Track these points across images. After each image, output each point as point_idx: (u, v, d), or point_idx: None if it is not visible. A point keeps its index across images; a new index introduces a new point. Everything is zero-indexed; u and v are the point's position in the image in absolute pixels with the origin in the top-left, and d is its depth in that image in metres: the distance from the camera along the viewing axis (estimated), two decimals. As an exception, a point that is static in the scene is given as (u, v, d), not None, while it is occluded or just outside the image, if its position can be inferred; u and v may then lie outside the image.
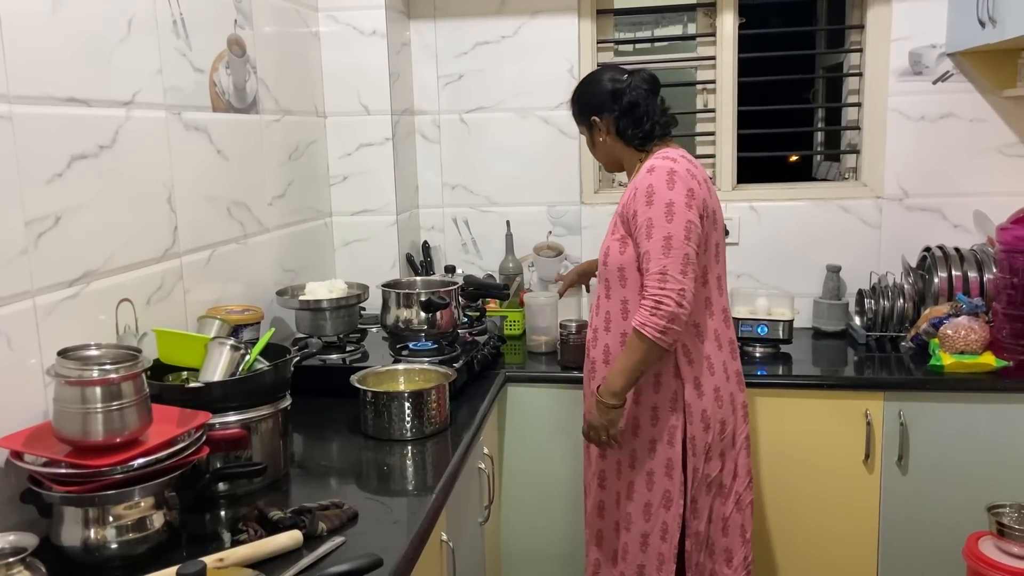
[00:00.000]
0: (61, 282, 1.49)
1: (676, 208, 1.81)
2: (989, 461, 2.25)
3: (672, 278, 1.78)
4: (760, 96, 2.91)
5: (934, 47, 2.65)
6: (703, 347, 1.93)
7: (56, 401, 1.29)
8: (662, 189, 1.82)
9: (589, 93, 2.02)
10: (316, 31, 2.65)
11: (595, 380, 2.01)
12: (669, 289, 1.77)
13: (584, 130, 2.07)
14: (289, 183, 2.44)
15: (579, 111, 2.06)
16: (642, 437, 1.95)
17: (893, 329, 2.59)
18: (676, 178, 1.83)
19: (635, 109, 1.95)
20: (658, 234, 1.80)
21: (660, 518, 1.94)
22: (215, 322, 1.86)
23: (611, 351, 1.97)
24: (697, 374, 1.92)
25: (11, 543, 1.15)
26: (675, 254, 1.79)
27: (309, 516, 1.37)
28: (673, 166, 1.85)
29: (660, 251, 1.79)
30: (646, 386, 1.93)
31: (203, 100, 1.97)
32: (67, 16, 1.51)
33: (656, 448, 1.93)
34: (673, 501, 1.93)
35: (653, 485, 1.94)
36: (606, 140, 2.01)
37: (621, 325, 1.95)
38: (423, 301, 2.20)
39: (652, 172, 1.86)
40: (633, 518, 1.97)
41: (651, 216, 1.82)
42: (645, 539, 1.96)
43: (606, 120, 1.99)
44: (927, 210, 2.74)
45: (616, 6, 2.93)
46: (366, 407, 1.85)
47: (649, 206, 1.82)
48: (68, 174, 1.50)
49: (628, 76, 1.99)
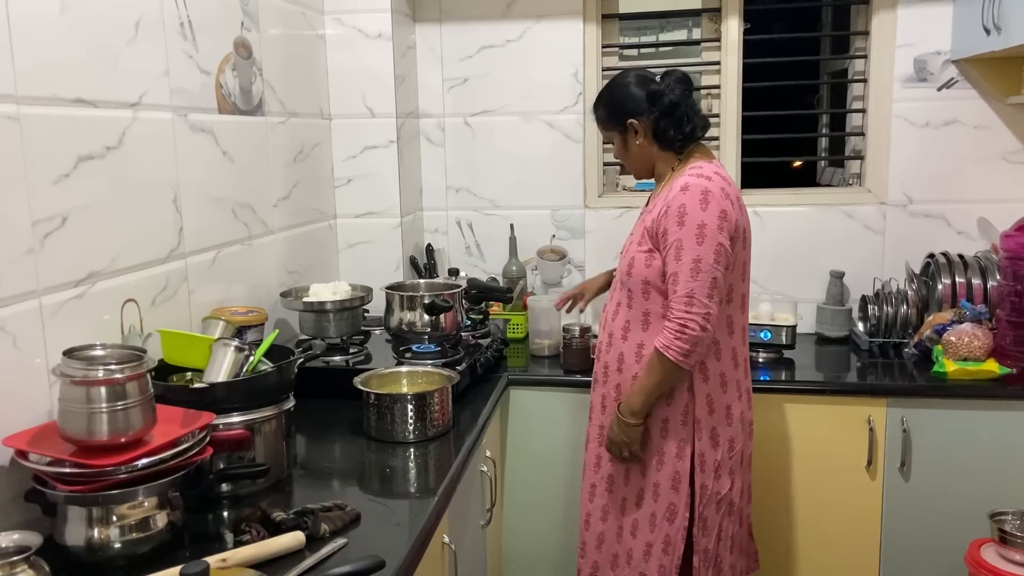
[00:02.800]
0: (67, 282, 1.49)
1: (708, 231, 1.79)
2: (991, 468, 2.24)
3: (698, 302, 1.78)
4: (765, 101, 2.91)
5: (939, 54, 2.66)
6: (719, 365, 1.92)
7: (61, 401, 1.29)
8: (695, 210, 1.79)
9: (623, 96, 1.96)
10: (322, 34, 2.66)
11: (606, 385, 2.01)
12: (695, 313, 1.77)
13: (615, 135, 2.00)
14: (294, 185, 2.44)
15: (611, 115, 1.99)
16: (651, 448, 1.95)
17: (896, 335, 2.59)
18: (710, 198, 1.80)
19: (676, 110, 1.91)
20: (687, 256, 1.79)
21: (664, 530, 1.94)
22: (219, 323, 1.86)
23: (625, 359, 1.96)
24: (711, 391, 1.92)
25: (15, 542, 1.16)
26: (703, 278, 1.78)
27: (312, 517, 1.37)
28: (708, 185, 1.82)
29: (688, 274, 1.78)
30: (659, 399, 1.92)
31: (209, 102, 1.98)
32: (75, 18, 1.52)
33: (664, 461, 1.93)
34: (677, 515, 1.92)
35: (659, 497, 1.94)
36: (642, 144, 1.96)
37: (640, 336, 1.93)
38: (426, 304, 2.21)
39: (686, 191, 1.81)
40: (639, 525, 1.97)
41: (681, 237, 1.80)
42: (648, 548, 1.96)
43: (644, 123, 1.93)
44: (931, 216, 2.74)
45: (621, 11, 2.94)
46: (369, 409, 1.85)
47: (680, 227, 1.80)
48: (75, 175, 1.51)
49: (663, 77, 1.96)
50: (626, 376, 1.97)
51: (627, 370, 1.96)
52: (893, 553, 2.34)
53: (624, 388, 1.97)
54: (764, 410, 2.34)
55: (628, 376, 1.96)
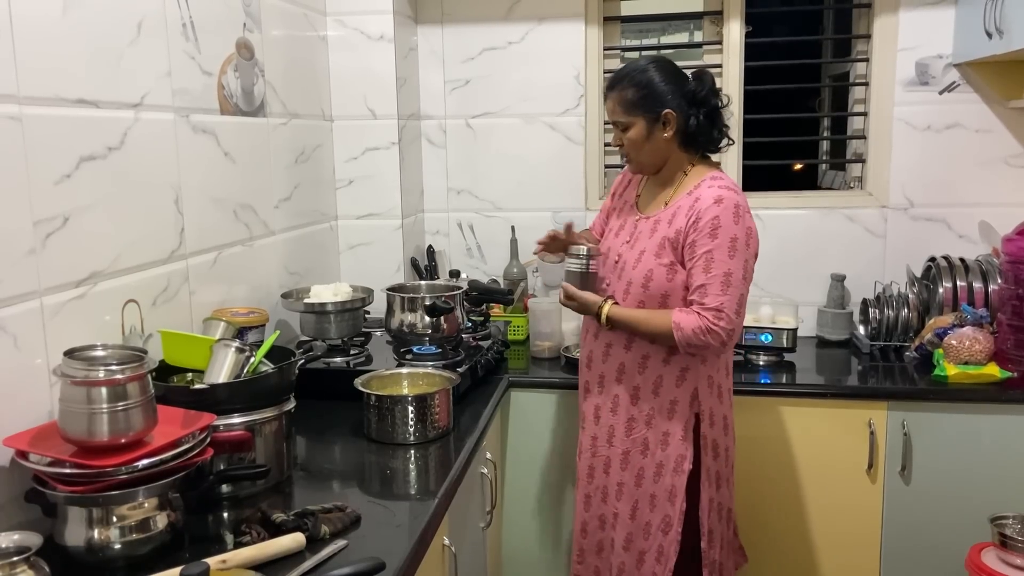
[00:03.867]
0: (68, 282, 1.49)
1: (739, 245, 1.78)
2: (992, 472, 2.24)
3: (727, 317, 1.76)
4: (766, 105, 2.91)
5: (941, 57, 2.66)
6: (716, 376, 1.93)
7: (62, 401, 1.29)
8: (728, 223, 1.77)
9: (662, 84, 1.84)
10: (324, 35, 2.66)
11: (602, 395, 1.99)
12: (722, 328, 1.76)
13: (640, 120, 1.86)
14: (295, 186, 2.44)
15: (644, 99, 1.85)
16: (650, 459, 1.93)
17: (897, 339, 2.59)
18: (741, 213, 1.79)
19: (716, 116, 1.89)
20: (719, 269, 1.77)
21: (657, 540, 1.93)
22: (220, 324, 1.86)
23: (626, 369, 1.94)
24: (712, 405, 1.92)
25: (15, 542, 1.16)
26: (733, 292, 1.77)
27: (312, 519, 1.37)
28: (738, 200, 1.80)
29: (719, 287, 1.76)
30: (660, 412, 1.91)
31: (211, 103, 1.98)
32: (77, 18, 1.52)
33: (662, 473, 1.92)
34: (672, 527, 1.91)
35: (655, 508, 1.93)
36: (668, 138, 1.87)
37: (645, 347, 1.90)
38: (427, 305, 2.21)
39: (720, 204, 1.78)
40: (633, 536, 1.96)
41: (713, 249, 1.77)
42: (642, 557, 1.96)
43: (679, 117, 1.86)
44: (932, 220, 2.74)
45: (623, 13, 2.94)
46: (369, 411, 1.85)
47: (712, 239, 1.77)
48: (77, 175, 1.51)
49: (697, 78, 1.89)
50: (626, 387, 1.94)
51: (627, 380, 1.94)
52: (894, 557, 2.33)
53: (622, 398, 1.95)
54: (765, 413, 2.34)
55: (628, 387, 1.93)
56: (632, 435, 1.94)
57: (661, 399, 1.90)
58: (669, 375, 1.90)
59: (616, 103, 1.89)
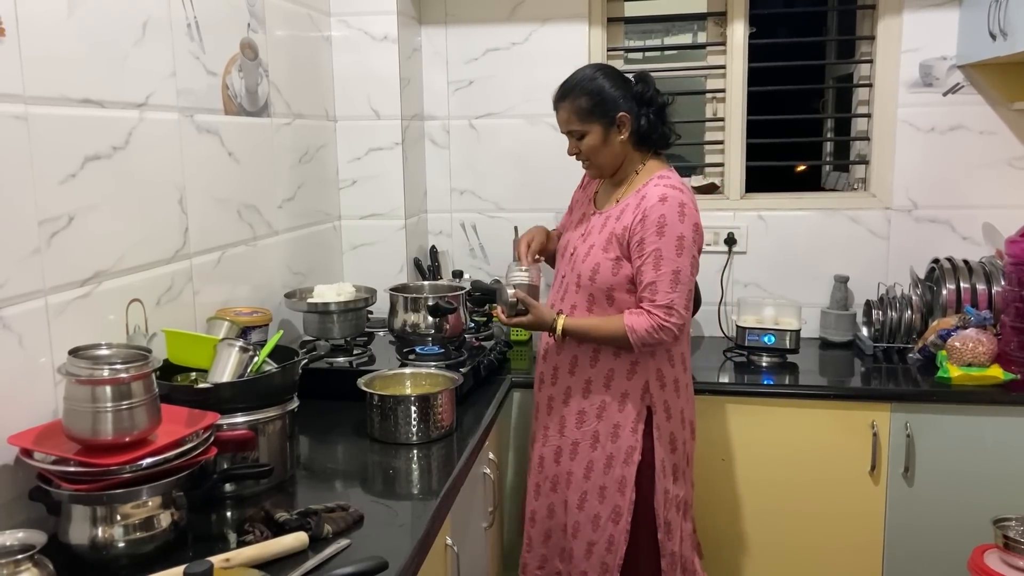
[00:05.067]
0: (73, 282, 1.50)
1: (685, 243, 1.83)
2: (996, 474, 2.24)
3: (677, 313, 1.82)
4: (770, 106, 2.91)
5: (945, 59, 2.65)
6: (673, 371, 1.97)
7: (66, 400, 1.29)
8: (674, 222, 1.82)
9: (611, 89, 1.91)
10: (328, 36, 2.66)
11: (555, 387, 2.03)
12: (673, 324, 1.82)
13: (596, 127, 1.92)
14: (299, 186, 2.45)
15: (597, 106, 1.91)
16: (600, 451, 1.97)
17: (900, 340, 2.58)
18: (687, 211, 1.85)
19: (663, 113, 1.95)
20: (667, 267, 1.82)
21: (607, 531, 1.97)
22: (224, 323, 1.87)
23: (579, 362, 1.99)
24: (667, 398, 1.96)
25: (20, 540, 1.16)
26: (682, 288, 1.82)
27: (315, 518, 1.37)
28: (683, 198, 1.86)
29: (668, 284, 1.82)
30: (611, 404, 1.95)
31: (215, 103, 1.99)
32: (82, 18, 1.52)
33: (612, 465, 1.96)
34: (622, 517, 1.95)
35: (604, 499, 1.97)
36: (623, 140, 1.93)
37: None
38: (430, 306, 2.21)
39: (665, 202, 1.83)
40: (581, 527, 2.00)
41: (660, 247, 1.82)
42: (591, 548, 1.99)
43: (632, 119, 1.92)
44: (936, 222, 2.74)
45: (626, 14, 2.94)
46: (372, 410, 1.85)
47: (660, 237, 1.82)
48: (82, 175, 1.51)
49: (639, 79, 1.97)
50: (579, 379, 1.99)
51: (580, 373, 1.99)
52: (896, 559, 2.33)
53: (575, 391, 2.00)
54: (768, 415, 2.34)
55: (581, 379, 1.99)
56: (582, 427, 1.99)
57: (612, 392, 1.95)
58: (620, 368, 1.94)
59: (570, 113, 1.95)
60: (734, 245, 2.83)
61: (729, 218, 2.84)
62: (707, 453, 2.37)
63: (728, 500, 2.39)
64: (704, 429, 2.35)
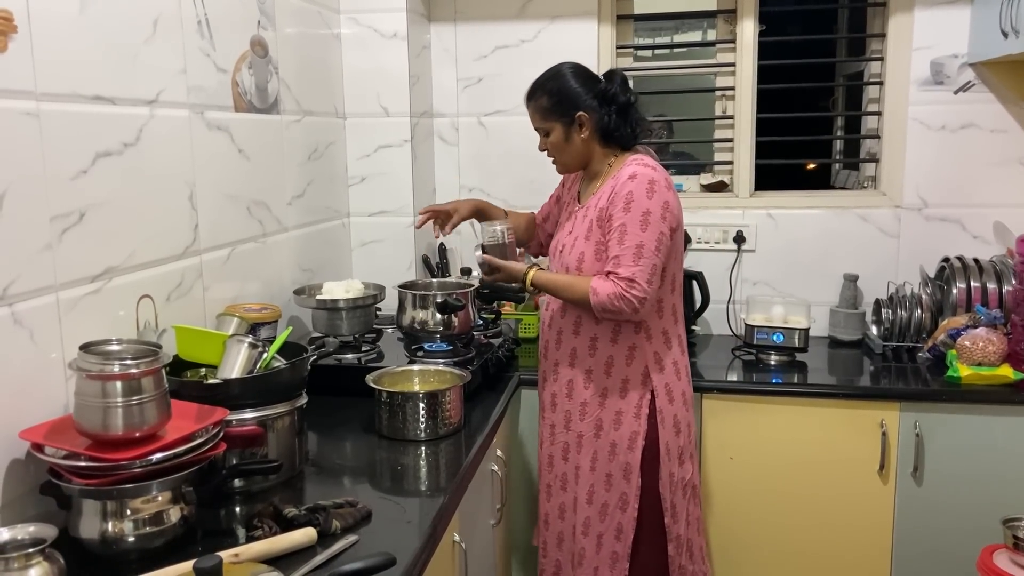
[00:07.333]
0: (84, 277, 1.51)
1: (652, 219, 1.84)
2: (1005, 473, 2.23)
3: (639, 286, 1.82)
4: (779, 103, 2.90)
5: (956, 57, 2.64)
6: (671, 353, 1.98)
7: (77, 395, 1.30)
8: (641, 197, 1.85)
9: (572, 88, 1.96)
10: (337, 33, 2.67)
11: (557, 383, 2.04)
12: (632, 296, 1.82)
13: (557, 126, 1.98)
14: (308, 183, 2.45)
15: (557, 105, 1.96)
16: (603, 440, 1.98)
17: (910, 339, 2.57)
18: (656, 188, 1.86)
19: (629, 110, 1.98)
20: (631, 241, 1.83)
21: (616, 519, 1.97)
22: (233, 320, 1.87)
23: (578, 354, 1.99)
24: (668, 381, 1.97)
25: (31, 534, 1.17)
26: (644, 263, 1.83)
27: (323, 514, 1.38)
28: (654, 175, 1.88)
29: (631, 258, 1.83)
30: (612, 392, 1.96)
31: (225, 100, 1.99)
32: (94, 15, 1.53)
33: (616, 452, 1.96)
34: (629, 504, 1.96)
35: (611, 487, 1.97)
36: (585, 138, 1.97)
37: (593, 329, 1.97)
38: (439, 303, 2.21)
39: (633, 179, 1.86)
40: (591, 521, 2.00)
41: (626, 222, 1.84)
42: (600, 539, 1.99)
43: (592, 117, 1.95)
44: (946, 220, 2.72)
45: (636, 12, 2.93)
46: (381, 407, 1.86)
47: (626, 212, 1.85)
48: (93, 171, 1.52)
49: (608, 77, 2.00)
50: (579, 370, 1.99)
51: (579, 364, 1.99)
52: (905, 558, 2.32)
53: (576, 383, 2.00)
54: (776, 413, 2.34)
55: (581, 370, 1.99)
56: (586, 419, 1.99)
57: (613, 379, 1.96)
58: (619, 354, 1.95)
59: (534, 111, 2.03)
60: (743, 243, 2.82)
61: (738, 216, 2.84)
62: (715, 451, 2.37)
63: (736, 499, 2.39)
64: (712, 427, 2.35)
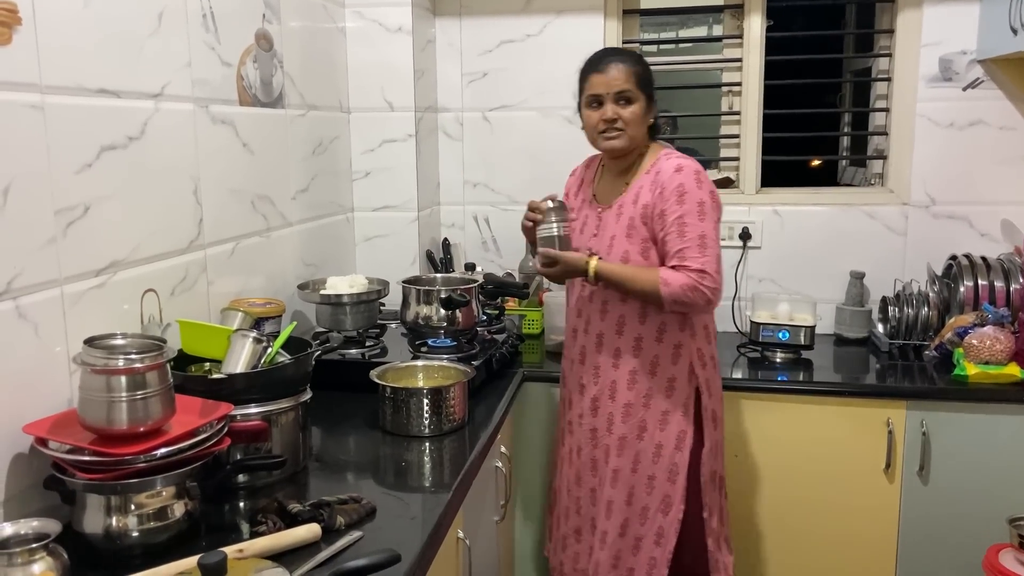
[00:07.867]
0: (88, 271, 1.50)
1: (706, 208, 1.83)
2: (1012, 473, 2.22)
3: (710, 277, 1.79)
4: (786, 99, 2.89)
5: (965, 53, 2.62)
6: (710, 348, 1.97)
7: (81, 389, 1.30)
8: (693, 188, 1.83)
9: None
10: (342, 27, 2.66)
11: (597, 386, 1.99)
12: (705, 287, 1.79)
13: (643, 100, 1.91)
14: (312, 178, 2.45)
15: (649, 81, 1.94)
16: (647, 442, 1.94)
17: (917, 337, 2.56)
18: (703, 178, 1.86)
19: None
20: (692, 232, 1.81)
21: (656, 523, 1.93)
22: (238, 314, 1.86)
23: (621, 354, 1.95)
24: (709, 376, 1.95)
25: (34, 529, 1.17)
26: (711, 252, 1.81)
27: (327, 510, 1.38)
28: (696, 167, 1.87)
29: (697, 250, 1.80)
30: (657, 391, 1.92)
31: (230, 94, 1.99)
32: (99, 8, 1.52)
33: (661, 454, 1.93)
34: (672, 507, 1.92)
35: (653, 490, 1.94)
36: (648, 122, 1.96)
37: (637, 330, 1.93)
38: (443, 298, 2.20)
39: (680, 171, 1.85)
40: (630, 523, 1.96)
41: (683, 214, 1.82)
42: (638, 543, 1.95)
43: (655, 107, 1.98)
44: (954, 218, 2.71)
45: (642, 6, 2.92)
46: (385, 403, 1.85)
47: (680, 204, 1.82)
48: (97, 164, 1.51)
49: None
50: (623, 371, 1.95)
51: (624, 365, 1.95)
52: (910, 557, 2.32)
53: (620, 384, 1.95)
54: (782, 411, 2.33)
55: (625, 371, 1.94)
56: (628, 420, 1.95)
57: (659, 378, 1.93)
58: (664, 353, 1.92)
59: (627, 75, 1.89)
60: (749, 240, 2.81)
61: (744, 213, 2.82)
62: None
63: (742, 496, 2.38)
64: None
